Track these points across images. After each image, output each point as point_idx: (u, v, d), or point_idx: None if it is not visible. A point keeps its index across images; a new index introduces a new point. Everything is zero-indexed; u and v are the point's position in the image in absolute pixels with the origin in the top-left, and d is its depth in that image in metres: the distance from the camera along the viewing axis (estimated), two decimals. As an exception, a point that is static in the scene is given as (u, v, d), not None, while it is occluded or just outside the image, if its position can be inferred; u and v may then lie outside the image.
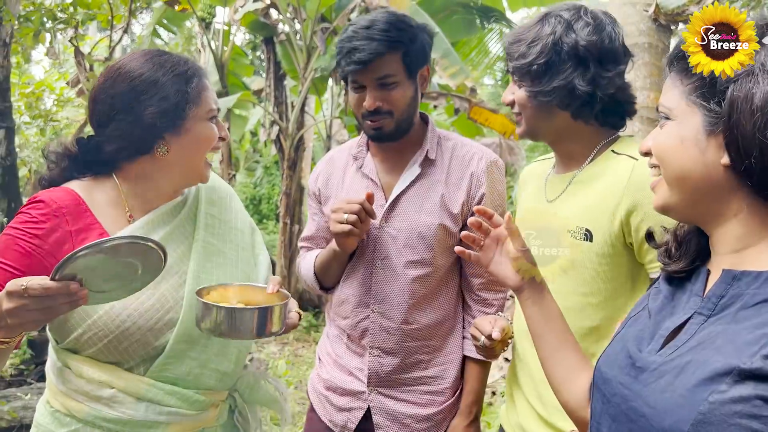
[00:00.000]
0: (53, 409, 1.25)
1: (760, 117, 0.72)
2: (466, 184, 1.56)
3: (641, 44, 2.75)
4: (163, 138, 1.22)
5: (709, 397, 0.69)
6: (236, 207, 1.46)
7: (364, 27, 1.45)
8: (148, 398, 1.21)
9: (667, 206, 0.84)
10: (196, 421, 1.28)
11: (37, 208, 1.17)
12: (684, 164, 0.79)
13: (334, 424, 1.64)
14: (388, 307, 1.56)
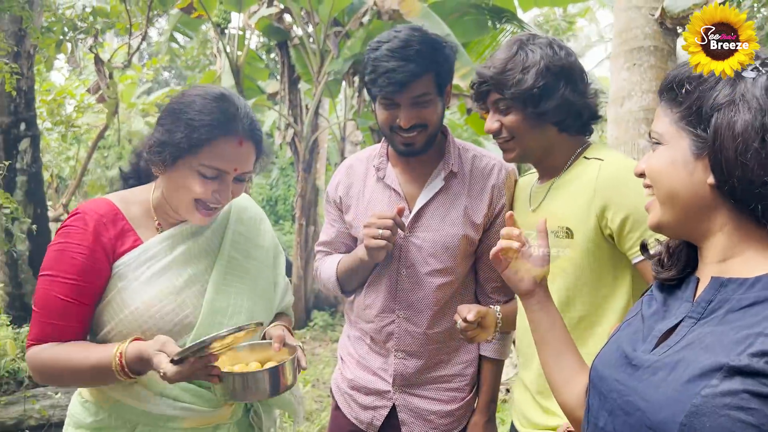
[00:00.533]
0: (83, 399, 1.36)
1: (741, 142, 0.79)
2: (488, 196, 1.62)
3: (647, 47, 2.79)
4: (159, 167, 1.30)
5: (701, 391, 0.76)
6: (264, 228, 1.53)
7: (399, 47, 1.46)
8: (166, 394, 1.31)
9: (661, 224, 0.91)
10: (210, 417, 1.36)
11: (79, 219, 1.27)
12: (674, 184, 0.86)
13: (360, 422, 1.70)
14: (414, 312, 1.63)
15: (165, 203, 1.35)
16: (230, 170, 1.28)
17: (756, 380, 0.72)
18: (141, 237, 1.31)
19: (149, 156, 1.31)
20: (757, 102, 0.79)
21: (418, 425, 1.65)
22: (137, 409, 1.30)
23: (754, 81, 0.82)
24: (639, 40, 2.82)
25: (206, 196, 1.28)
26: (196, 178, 1.27)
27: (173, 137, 1.25)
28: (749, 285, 0.80)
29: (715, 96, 0.83)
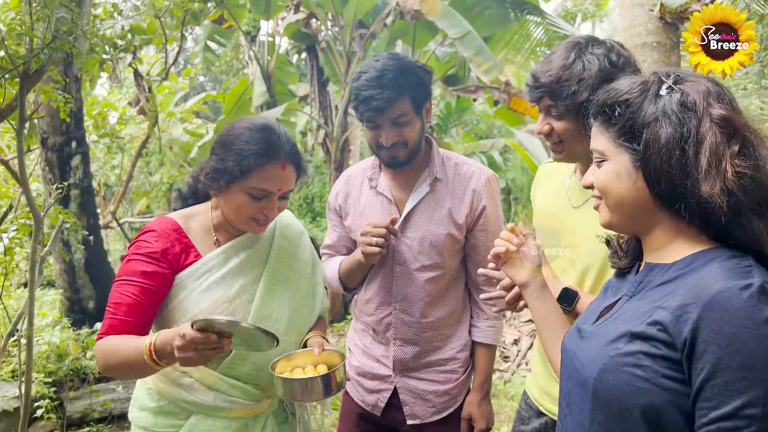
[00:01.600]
0: (147, 387, 1.59)
1: (665, 152, 0.95)
2: (468, 199, 1.80)
3: (650, 43, 2.90)
4: (214, 190, 1.53)
5: (610, 353, 0.96)
6: (304, 242, 1.75)
7: (376, 77, 1.66)
8: (216, 388, 1.53)
9: (610, 224, 1.08)
10: (252, 408, 1.58)
11: (151, 234, 1.51)
12: (621, 193, 1.03)
13: (366, 404, 1.92)
14: (408, 304, 1.82)
15: (224, 221, 1.57)
16: (275, 191, 1.49)
17: (649, 343, 0.91)
18: (200, 252, 1.53)
19: (206, 181, 1.52)
20: (675, 116, 0.95)
21: (418, 404, 1.85)
22: (192, 400, 1.52)
23: (670, 98, 0.97)
24: (642, 36, 2.93)
25: (257, 215, 1.50)
26: (247, 198, 1.48)
27: (226, 165, 1.47)
28: (668, 268, 0.98)
29: (642, 115, 0.98)
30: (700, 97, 0.94)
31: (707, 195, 0.90)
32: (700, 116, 0.93)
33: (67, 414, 4.04)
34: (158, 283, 1.46)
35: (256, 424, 1.59)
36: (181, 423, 1.54)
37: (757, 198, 0.91)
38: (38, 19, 2.41)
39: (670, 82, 0.99)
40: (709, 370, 0.85)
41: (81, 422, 4.06)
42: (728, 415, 0.83)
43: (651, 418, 0.91)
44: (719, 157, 0.91)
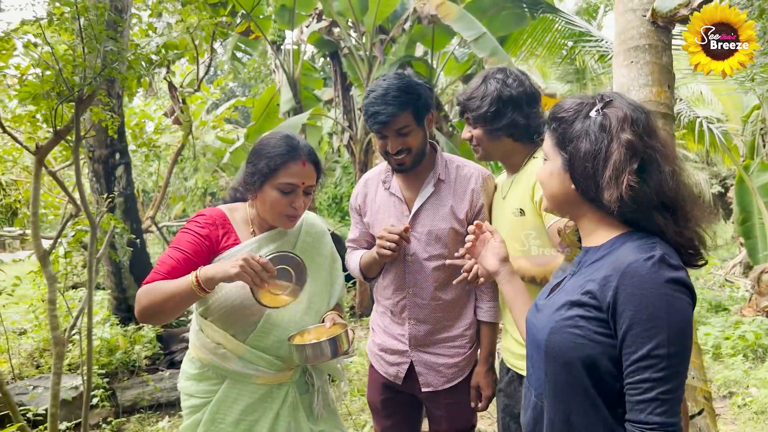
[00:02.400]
0: (191, 356, 1.91)
1: (584, 162, 1.22)
2: (468, 197, 2.08)
3: (642, 46, 3.09)
4: (251, 192, 1.84)
5: (555, 319, 1.22)
6: (326, 240, 2.05)
7: (381, 95, 1.94)
8: (245, 358, 1.82)
9: (547, 210, 1.37)
10: (276, 376, 1.87)
11: (201, 217, 1.83)
12: (553, 188, 1.30)
13: (389, 375, 2.20)
14: (419, 289, 2.10)
15: (259, 217, 1.88)
16: (299, 184, 1.80)
17: (584, 309, 1.18)
18: (240, 238, 1.84)
19: (245, 185, 1.85)
20: (594, 135, 1.21)
21: (431, 375, 2.13)
22: (226, 367, 1.82)
23: (594, 120, 1.23)
24: (635, 39, 3.11)
25: (287, 210, 1.81)
26: (277, 194, 1.78)
27: (258, 168, 1.79)
28: (597, 249, 1.25)
29: (572, 130, 1.25)
30: (617, 122, 1.19)
31: (606, 200, 1.17)
32: (611, 138, 1.18)
33: (119, 402, 4.43)
34: (198, 254, 1.76)
35: (279, 391, 1.87)
36: (216, 388, 1.84)
37: (653, 203, 1.17)
38: (90, 51, 2.75)
39: (599, 107, 1.23)
40: (627, 324, 1.11)
41: (132, 409, 4.44)
42: (643, 356, 1.10)
43: (589, 365, 1.18)
44: (620, 172, 1.16)
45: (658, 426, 1.10)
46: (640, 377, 1.11)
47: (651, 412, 1.10)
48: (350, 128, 7.43)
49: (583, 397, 1.20)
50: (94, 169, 5.07)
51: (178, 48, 6.54)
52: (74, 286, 7.72)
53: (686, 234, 1.20)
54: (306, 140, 1.89)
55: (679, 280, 1.11)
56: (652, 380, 1.10)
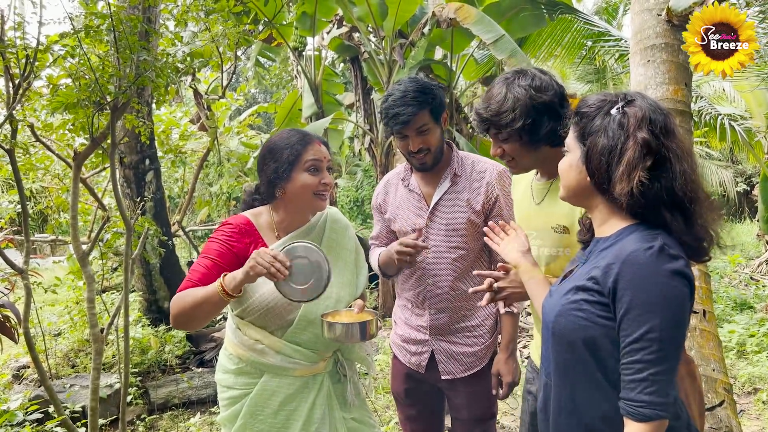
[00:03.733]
0: (228, 353, 2.00)
1: (600, 156, 1.30)
2: (484, 190, 2.17)
3: (659, 45, 3.14)
4: (279, 186, 1.93)
5: (562, 302, 1.31)
6: (349, 234, 2.13)
7: (400, 97, 2.05)
8: (282, 352, 1.92)
9: (564, 198, 1.45)
10: (311, 368, 1.97)
11: (228, 227, 1.92)
12: (570, 179, 1.39)
13: (412, 364, 2.30)
14: (438, 279, 2.19)
15: (285, 218, 1.96)
16: (323, 159, 1.92)
17: (587, 293, 1.27)
18: (267, 243, 1.93)
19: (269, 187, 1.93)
20: (612, 132, 1.29)
21: (451, 363, 2.22)
22: (264, 362, 1.92)
23: (614, 117, 1.30)
24: (651, 38, 3.17)
25: (318, 187, 1.91)
26: (307, 175, 1.89)
27: (281, 160, 1.89)
28: (606, 240, 1.33)
29: (592, 125, 1.33)
30: (635, 121, 1.27)
31: (617, 193, 1.25)
32: (627, 136, 1.26)
33: (152, 400, 4.57)
34: (227, 262, 1.85)
35: (314, 382, 1.97)
36: (255, 381, 1.94)
37: (663, 200, 1.24)
38: (124, 61, 2.89)
39: (621, 105, 1.31)
40: (625, 308, 1.20)
41: (164, 407, 4.58)
42: (636, 339, 1.18)
43: (591, 346, 1.27)
44: (632, 168, 1.23)
45: (645, 404, 1.18)
46: (633, 358, 1.19)
47: (641, 390, 1.19)
48: (371, 131, 7.54)
49: (586, 376, 1.29)
50: (126, 174, 5.24)
51: (204, 56, 6.72)
52: (104, 291, 7.94)
53: (693, 232, 1.26)
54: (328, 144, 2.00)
55: (676, 269, 1.19)
56: (644, 361, 1.18)
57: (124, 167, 5.23)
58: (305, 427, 1.92)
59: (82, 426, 3.51)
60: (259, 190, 2.04)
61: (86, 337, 4.97)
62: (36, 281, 4.53)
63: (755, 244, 11.32)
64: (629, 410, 1.21)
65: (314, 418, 1.94)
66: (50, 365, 4.84)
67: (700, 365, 2.83)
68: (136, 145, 5.17)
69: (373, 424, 2.13)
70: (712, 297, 3.10)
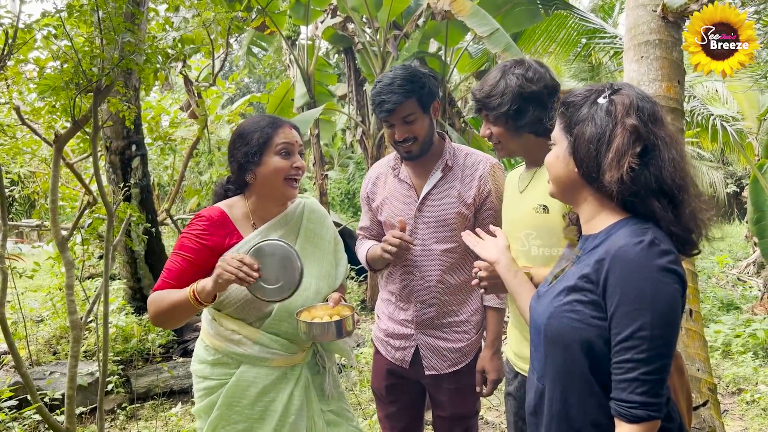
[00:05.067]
0: (205, 344, 1.95)
1: (588, 145, 1.25)
2: (476, 183, 2.12)
3: (653, 41, 3.10)
4: (250, 171, 1.87)
5: (554, 304, 1.26)
6: (327, 224, 2.09)
7: (387, 84, 2.01)
8: (260, 342, 1.87)
9: (552, 194, 1.40)
10: (289, 359, 1.92)
11: (201, 220, 1.86)
12: (557, 172, 1.34)
13: (396, 360, 2.25)
14: (426, 272, 2.15)
15: (259, 206, 1.92)
16: (294, 143, 1.88)
17: (580, 293, 1.22)
18: (242, 234, 1.88)
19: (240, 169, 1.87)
20: (600, 120, 1.25)
21: (435, 359, 2.17)
22: (241, 352, 1.87)
23: (601, 106, 1.26)
24: (645, 34, 3.13)
25: (290, 171, 1.87)
26: (278, 159, 1.85)
27: (251, 143, 1.85)
28: (595, 237, 1.28)
29: (579, 115, 1.29)
30: (623, 108, 1.23)
31: (607, 181, 1.20)
32: (615, 123, 1.22)
33: (133, 389, 4.52)
34: (201, 258, 1.81)
35: (293, 373, 1.93)
36: (232, 372, 1.89)
37: (653, 188, 1.20)
38: (108, 42, 2.82)
39: (607, 93, 1.27)
40: (615, 305, 1.15)
41: (146, 396, 4.53)
42: (627, 337, 1.14)
43: (585, 348, 1.22)
44: (621, 155, 1.19)
45: (638, 405, 1.14)
46: (623, 357, 1.15)
47: (632, 391, 1.15)
48: (363, 123, 7.48)
49: (579, 378, 1.24)
50: (111, 160, 5.16)
51: (194, 42, 6.63)
52: (90, 277, 7.86)
53: (682, 222, 1.23)
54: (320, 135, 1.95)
55: (667, 265, 1.15)
56: (634, 360, 1.14)
57: (109, 153, 5.15)
58: (282, 418, 1.89)
59: (61, 413, 3.45)
60: (231, 180, 1.99)
61: (68, 324, 4.90)
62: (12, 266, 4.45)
63: (743, 245, 11.38)
64: (621, 411, 1.17)
65: (292, 410, 1.90)
66: (31, 352, 4.78)
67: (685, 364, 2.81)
68: (122, 131, 5.09)
69: (350, 417, 2.09)
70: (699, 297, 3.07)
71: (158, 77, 5.69)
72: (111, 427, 4.15)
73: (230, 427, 1.89)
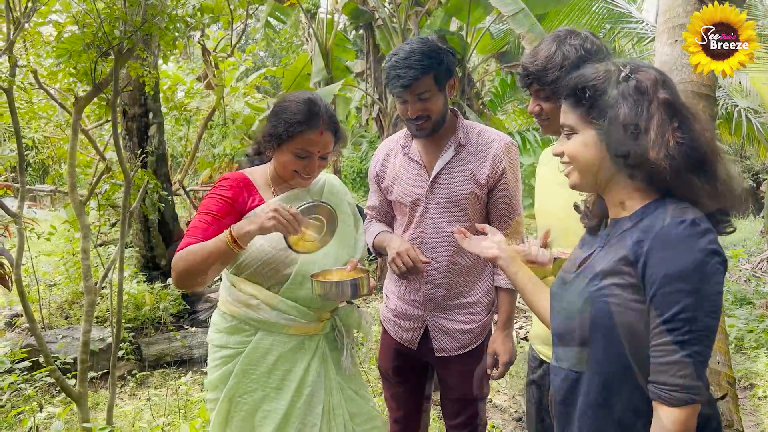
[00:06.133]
0: (222, 311, 1.94)
1: (624, 127, 1.19)
2: (490, 161, 2.05)
3: (687, 24, 3.03)
4: (270, 148, 1.87)
5: (590, 289, 1.22)
6: (348, 200, 2.08)
7: (404, 58, 1.93)
8: (278, 308, 1.86)
9: (579, 186, 1.32)
10: (307, 327, 1.90)
11: (226, 181, 1.87)
12: (588, 160, 1.27)
13: (404, 341, 2.21)
14: (437, 253, 2.10)
15: (277, 176, 1.91)
16: (315, 153, 1.84)
17: (619, 277, 1.18)
18: (264, 198, 1.88)
19: (263, 143, 1.89)
20: (632, 99, 1.20)
21: (445, 340, 2.14)
22: (258, 318, 1.86)
23: (627, 84, 1.21)
24: (681, 17, 3.03)
25: (300, 170, 1.85)
26: (292, 157, 1.84)
27: (277, 130, 1.83)
28: (627, 220, 1.24)
29: (607, 97, 1.22)
30: (651, 84, 1.19)
31: (654, 159, 1.15)
32: (650, 99, 1.17)
33: (144, 356, 4.54)
34: (226, 216, 1.80)
35: (311, 343, 1.91)
36: (249, 339, 1.87)
37: (692, 161, 1.16)
38: (131, 4, 2.77)
39: (627, 72, 1.22)
40: (656, 286, 1.11)
41: (156, 364, 4.55)
42: (669, 319, 1.10)
43: (626, 333, 1.18)
44: (663, 131, 1.15)
45: (680, 388, 1.11)
46: (665, 339, 1.11)
47: (674, 374, 1.11)
48: (380, 101, 7.39)
49: (620, 365, 1.20)
50: (128, 127, 5.13)
51: (214, 12, 6.55)
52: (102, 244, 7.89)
53: (718, 195, 1.19)
54: (327, 104, 1.89)
55: (710, 246, 1.11)
56: (676, 343, 1.10)
57: (126, 119, 5.12)
58: (299, 389, 1.87)
59: (72, 377, 3.47)
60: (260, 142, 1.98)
61: (80, 290, 4.92)
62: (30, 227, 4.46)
63: (758, 240, 11.25)
64: (661, 394, 1.13)
65: (308, 381, 1.89)
66: (43, 315, 4.80)
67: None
68: (139, 98, 5.05)
69: (369, 397, 2.07)
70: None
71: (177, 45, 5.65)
72: (121, 392, 4.17)
73: (247, 396, 1.88)
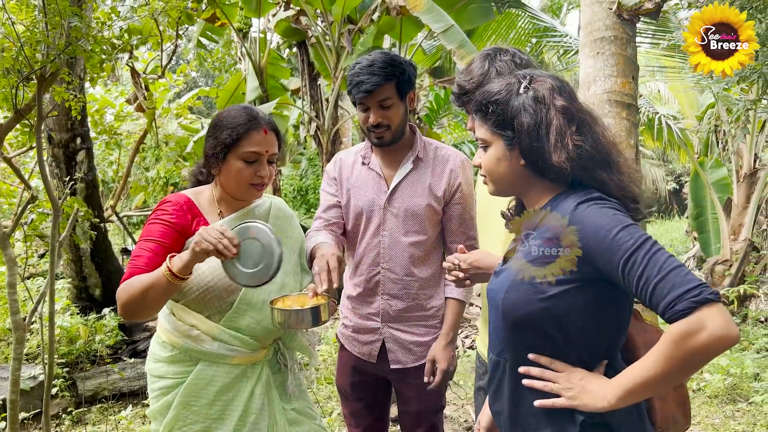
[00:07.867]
0: (161, 340, 1.87)
1: (528, 135, 1.28)
2: (446, 176, 2.11)
3: (608, 37, 3.16)
4: (215, 166, 1.83)
5: (510, 279, 1.29)
6: (294, 224, 2.04)
7: (367, 66, 1.98)
8: (219, 339, 1.80)
9: (496, 193, 1.42)
10: (250, 356, 1.86)
11: (167, 204, 1.80)
12: (502, 172, 1.36)
13: (362, 354, 2.21)
14: (394, 264, 2.11)
15: (225, 195, 1.86)
16: (263, 152, 1.80)
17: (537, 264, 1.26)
18: (208, 221, 1.82)
19: (208, 160, 1.83)
20: (531, 108, 1.29)
21: (401, 352, 2.15)
22: (200, 349, 1.80)
23: (526, 95, 1.30)
24: (601, 31, 3.19)
25: (253, 179, 1.80)
26: (242, 164, 1.78)
27: (220, 138, 1.79)
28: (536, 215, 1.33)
29: (510, 109, 1.31)
30: (548, 92, 1.29)
31: (557, 162, 1.25)
32: (547, 107, 1.27)
33: (80, 392, 4.32)
34: (171, 242, 1.74)
35: (253, 371, 1.87)
36: (190, 369, 1.81)
37: (595, 158, 1.26)
38: (53, 27, 2.67)
39: (526, 83, 1.31)
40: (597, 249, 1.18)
41: (93, 399, 4.34)
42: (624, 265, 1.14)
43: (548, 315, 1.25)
44: (562, 135, 1.25)
45: (694, 287, 1.06)
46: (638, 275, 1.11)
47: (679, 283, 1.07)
48: (317, 118, 7.39)
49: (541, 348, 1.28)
50: (54, 153, 4.92)
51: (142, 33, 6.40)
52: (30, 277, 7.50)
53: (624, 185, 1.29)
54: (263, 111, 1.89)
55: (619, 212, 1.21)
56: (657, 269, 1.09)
57: (52, 145, 4.91)
58: (243, 417, 1.83)
59: (1, 420, 3.27)
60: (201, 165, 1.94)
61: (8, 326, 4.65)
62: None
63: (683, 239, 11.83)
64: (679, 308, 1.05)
65: (252, 408, 1.84)
66: (-33, 356, 4.52)
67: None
68: (66, 123, 4.86)
69: (314, 415, 2.04)
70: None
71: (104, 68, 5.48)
72: (56, 432, 3.96)
73: (187, 428, 1.82)
